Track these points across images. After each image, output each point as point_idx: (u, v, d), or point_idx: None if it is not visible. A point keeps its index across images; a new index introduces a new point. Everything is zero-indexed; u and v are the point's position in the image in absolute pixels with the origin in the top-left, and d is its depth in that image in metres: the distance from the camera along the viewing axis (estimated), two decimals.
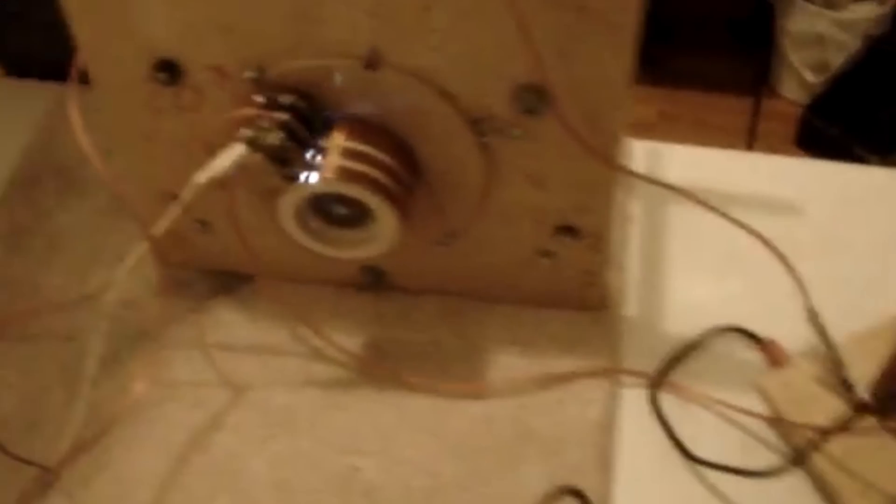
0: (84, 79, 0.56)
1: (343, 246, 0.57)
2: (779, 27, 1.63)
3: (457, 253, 0.62)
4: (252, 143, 0.51)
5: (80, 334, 0.65)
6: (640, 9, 0.47)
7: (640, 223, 0.70)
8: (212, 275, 0.68)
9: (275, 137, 0.51)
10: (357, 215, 0.55)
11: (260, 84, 0.53)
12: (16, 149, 0.76)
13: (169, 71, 0.54)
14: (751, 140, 1.51)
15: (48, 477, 0.58)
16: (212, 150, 0.57)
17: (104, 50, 0.54)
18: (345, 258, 0.58)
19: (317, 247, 0.57)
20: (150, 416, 0.61)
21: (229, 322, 0.65)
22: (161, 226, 0.55)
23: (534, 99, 0.51)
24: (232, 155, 0.52)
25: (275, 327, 0.65)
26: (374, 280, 0.65)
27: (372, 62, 0.51)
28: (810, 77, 1.62)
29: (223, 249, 0.65)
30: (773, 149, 1.52)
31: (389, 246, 0.56)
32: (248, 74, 0.53)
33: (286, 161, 0.52)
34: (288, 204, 0.54)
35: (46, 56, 0.82)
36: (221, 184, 0.54)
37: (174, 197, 0.61)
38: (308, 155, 0.52)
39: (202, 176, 0.53)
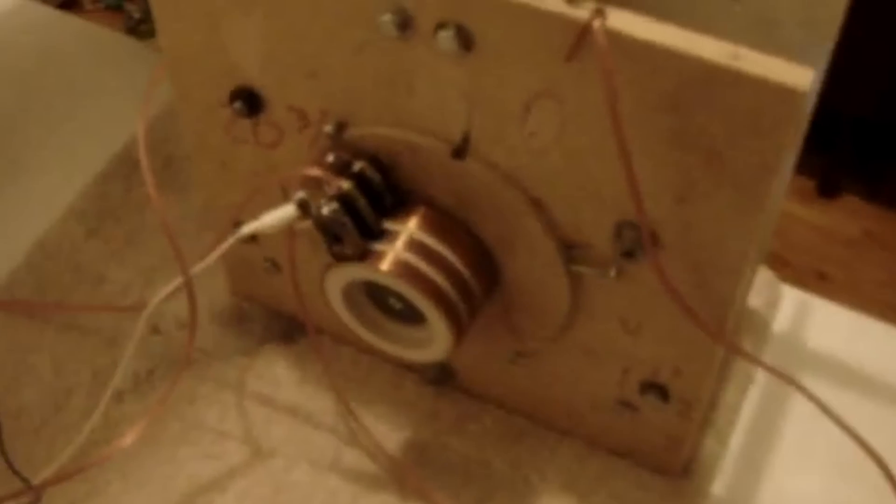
0: None
1: (392, 340, 0.50)
2: None
3: (528, 374, 0.54)
4: (303, 208, 0.45)
5: (124, 342, 0.61)
6: (783, 180, 0.38)
7: (762, 388, 0.60)
8: (277, 317, 0.62)
9: (328, 209, 0.44)
10: (412, 314, 0.48)
11: (336, 142, 0.46)
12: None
13: (247, 101, 0.48)
14: None
15: (31, 495, 0.54)
16: (286, 193, 0.51)
17: (188, 62, 0.48)
18: (389, 354, 0.51)
19: (363, 333, 0.50)
20: (160, 453, 0.56)
21: (276, 376, 0.59)
22: (199, 268, 0.50)
23: (637, 242, 0.43)
24: (279, 215, 0.45)
25: (319, 394, 0.59)
26: (440, 376, 0.57)
27: (459, 150, 0.44)
28: None
29: (291, 294, 0.59)
30: None
31: (440, 358, 0.48)
32: (327, 128, 0.46)
33: (338, 237, 0.45)
34: (335, 281, 0.48)
35: None
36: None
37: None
38: (365, 236, 0.45)
39: (245, 230, 0.47)
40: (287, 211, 0.45)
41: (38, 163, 0.70)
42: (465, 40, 0.39)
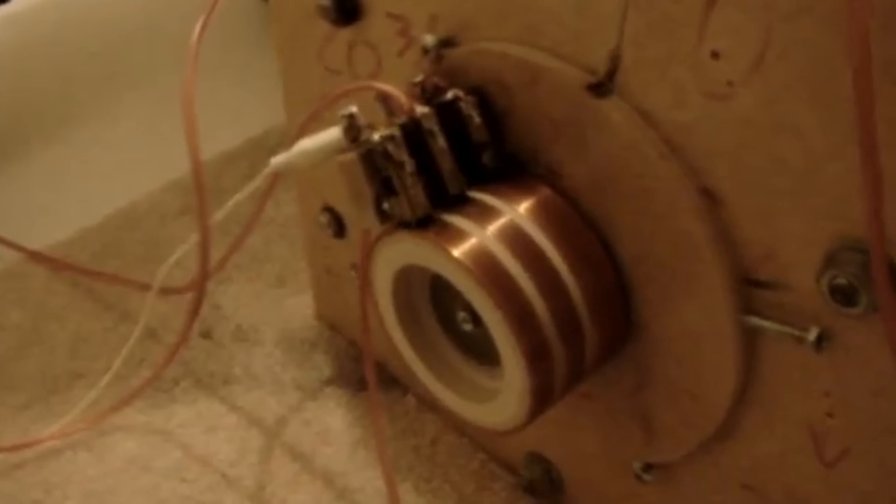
0: None
1: (448, 379, 0.33)
2: None
3: (660, 498, 0.35)
4: (351, 131, 0.29)
5: (163, 335, 0.48)
6: None
7: None
8: (358, 359, 0.46)
9: (381, 135, 0.29)
10: (484, 346, 0.31)
11: (435, 62, 0.31)
12: None
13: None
14: None
15: None
16: None
17: None
18: (443, 403, 0.33)
19: (410, 357, 0.33)
20: (139, 480, 0.41)
21: (327, 428, 0.43)
22: (219, 214, 0.35)
23: (864, 277, 0.24)
24: (320, 140, 0.30)
25: (371, 467, 0.42)
26: (542, 484, 0.39)
27: (601, 82, 0.27)
28: None
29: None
30: None
31: (507, 426, 0.31)
32: (426, 40, 0.31)
33: (389, 185, 0.29)
34: (384, 264, 0.31)
35: None
36: None
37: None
38: (435, 197, 0.29)
39: (276, 160, 0.32)
40: (331, 135, 0.30)
41: (160, 119, 0.60)
42: None
